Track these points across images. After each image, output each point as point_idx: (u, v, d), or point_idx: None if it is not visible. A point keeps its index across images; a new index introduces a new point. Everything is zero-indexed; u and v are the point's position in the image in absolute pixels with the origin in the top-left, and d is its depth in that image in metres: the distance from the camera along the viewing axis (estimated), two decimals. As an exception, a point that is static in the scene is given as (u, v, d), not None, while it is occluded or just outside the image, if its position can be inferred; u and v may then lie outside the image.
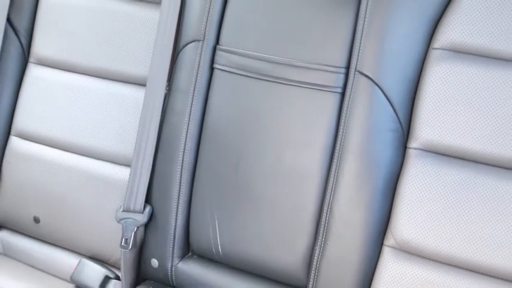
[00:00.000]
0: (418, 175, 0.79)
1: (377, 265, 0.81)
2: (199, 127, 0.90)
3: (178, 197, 0.90)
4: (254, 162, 0.85)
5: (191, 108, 0.89)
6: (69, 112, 1.00)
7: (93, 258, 0.98)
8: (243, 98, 0.86)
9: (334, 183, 0.81)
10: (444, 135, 0.78)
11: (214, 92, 0.89)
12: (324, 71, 0.82)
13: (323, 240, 0.82)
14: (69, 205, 0.99)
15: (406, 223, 0.79)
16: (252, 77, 0.85)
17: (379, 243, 0.81)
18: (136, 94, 0.96)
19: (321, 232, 0.82)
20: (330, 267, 0.81)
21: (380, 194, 0.80)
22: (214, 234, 0.89)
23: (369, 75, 0.79)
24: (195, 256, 0.93)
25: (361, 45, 0.80)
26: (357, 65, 0.80)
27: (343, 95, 0.82)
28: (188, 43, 0.90)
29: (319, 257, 0.82)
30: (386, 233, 0.81)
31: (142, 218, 0.91)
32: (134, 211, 0.91)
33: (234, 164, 0.87)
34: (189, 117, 0.89)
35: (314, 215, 0.83)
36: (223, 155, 0.88)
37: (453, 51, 0.78)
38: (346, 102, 0.81)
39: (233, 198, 0.87)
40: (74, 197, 0.99)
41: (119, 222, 0.92)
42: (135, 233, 0.91)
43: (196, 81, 0.89)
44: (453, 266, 0.77)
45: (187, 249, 0.93)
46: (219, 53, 0.89)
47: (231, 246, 0.88)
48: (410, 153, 0.80)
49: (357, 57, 0.80)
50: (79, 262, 0.97)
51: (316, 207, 0.83)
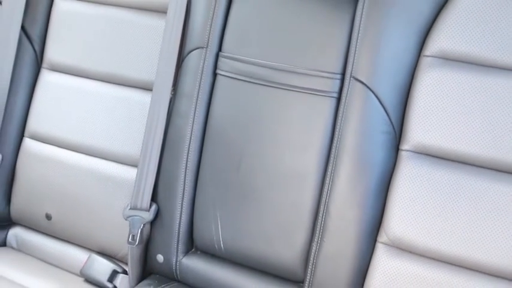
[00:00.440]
0: (409, 176, 0.79)
1: (371, 260, 0.81)
2: (203, 129, 0.90)
3: (183, 196, 0.91)
4: (255, 162, 0.86)
5: (195, 111, 0.90)
6: (79, 115, 1.01)
7: (101, 254, 0.99)
8: (245, 102, 0.87)
9: (330, 183, 0.81)
10: (434, 138, 0.78)
11: (217, 96, 0.89)
12: (321, 77, 0.82)
13: (320, 236, 0.82)
14: (79, 203, 0.99)
15: (398, 221, 0.79)
16: (253, 83, 0.86)
17: (372, 239, 0.81)
18: (143, 98, 0.96)
19: (317, 229, 0.82)
20: (326, 262, 0.82)
21: (373, 193, 0.80)
22: (217, 230, 0.89)
23: (364, 81, 0.80)
24: (199, 252, 0.93)
25: (356, 53, 0.80)
26: (352, 71, 0.80)
27: (339, 100, 0.82)
28: (192, 50, 0.91)
29: (316, 252, 0.82)
30: (380, 230, 0.81)
31: (149, 215, 0.92)
32: (141, 209, 0.92)
33: (236, 164, 0.87)
34: (193, 120, 0.90)
35: (311, 213, 0.83)
36: (226, 156, 0.88)
37: (443, 59, 0.79)
38: (341, 106, 0.81)
39: (235, 196, 0.87)
40: (83, 196, 0.99)
41: (126, 220, 0.92)
42: (142, 230, 0.91)
43: (200, 86, 0.90)
44: (442, 261, 0.77)
45: (191, 245, 0.94)
46: (221, 59, 0.89)
47: (233, 242, 0.88)
48: (402, 155, 0.80)
49: (352, 64, 0.80)
50: (88, 257, 0.98)
51: (313, 205, 0.83)
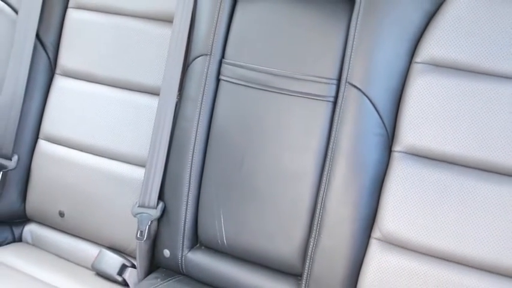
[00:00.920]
0: (401, 175, 0.79)
1: (365, 255, 0.81)
2: (207, 131, 0.90)
3: (188, 194, 0.91)
4: (256, 163, 0.86)
5: (199, 115, 0.90)
6: (90, 118, 1.01)
7: (111, 248, 0.99)
8: (246, 106, 0.87)
9: (326, 182, 0.81)
10: (425, 140, 0.79)
11: (220, 100, 0.89)
12: (318, 82, 0.82)
13: (317, 232, 0.82)
14: (91, 201, 0.99)
15: (391, 218, 0.79)
16: (254, 88, 0.86)
17: (367, 235, 0.81)
18: (151, 102, 0.96)
19: (315, 225, 0.82)
20: (323, 257, 0.82)
21: (367, 192, 0.80)
22: (220, 227, 0.89)
23: (358, 86, 0.80)
24: (203, 247, 0.93)
25: (351, 59, 0.80)
26: (347, 77, 0.80)
27: (335, 104, 0.82)
28: (197, 57, 0.91)
29: (314, 247, 0.82)
30: (373, 226, 0.81)
31: (156, 212, 0.91)
32: (148, 206, 0.92)
33: (238, 164, 0.87)
34: (198, 123, 0.90)
35: (309, 210, 0.83)
36: (229, 156, 0.88)
37: (433, 65, 0.79)
38: (337, 110, 0.81)
39: (237, 195, 0.87)
40: (94, 194, 0.99)
41: (134, 217, 0.92)
42: (149, 226, 0.91)
43: (204, 91, 0.90)
44: (432, 256, 0.78)
45: (196, 241, 0.94)
46: (224, 66, 0.89)
47: (235, 238, 0.88)
48: (395, 155, 0.81)
49: (347, 70, 0.80)
50: (99, 252, 0.98)
51: (311, 203, 0.83)
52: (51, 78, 1.05)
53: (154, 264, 0.96)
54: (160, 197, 0.92)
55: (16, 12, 1.02)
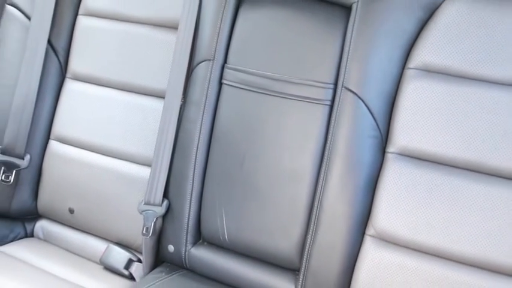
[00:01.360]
0: (394, 175, 0.80)
1: (359, 251, 0.82)
2: (210, 133, 0.91)
3: (192, 192, 0.91)
4: (256, 163, 0.86)
5: (203, 117, 0.90)
6: (99, 120, 1.01)
7: (119, 244, 0.99)
8: (247, 108, 0.87)
9: (323, 182, 0.82)
10: (417, 142, 0.79)
11: (223, 103, 0.90)
12: (315, 86, 0.83)
13: (314, 229, 0.82)
14: (99, 198, 0.99)
15: (384, 216, 0.80)
16: (255, 91, 0.86)
17: (361, 232, 0.82)
18: (156, 105, 0.96)
19: (312, 223, 0.83)
20: (319, 252, 0.82)
21: (362, 191, 0.81)
22: (222, 224, 0.89)
23: (354, 91, 0.80)
24: (206, 243, 0.93)
25: (347, 65, 0.81)
26: (343, 81, 0.81)
27: (331, 107, 0.83)
28: (200, 62, 0.91)
29: (311, 244, 0.83)
30: (368, 224, 0.82)
31: (161, 210, 0.92)
32: (154, 204, 0.92)
33: (239, 164, 0.87)
34: (201, 125, 0.90)
35: (307, 208, 0.84)
36: (230, 157, 0.88)
37: (425, 71, 0.80)
38: (334, 113, 0.82)
39: (238, 193, 0.88)
40: (102, 192, 0.99)
41: (140, 214, 0.92)
42: (155, 223, 0.91)
43: (207, 94, 0.90)
44: (423, 252, 0.78)
45: (199, 237, 0.94)
46: (226, 70, 0.90)
47: (236, 234, 0.89)
48: (388, 156, 0.81)
49: (344, 75, 0.81)
50: (107, 247, 0.98)
51: (308, 201, 0.84)
52: (61, 81, 1.05)
53: (159, 259, 0.96)
54: (165, 195, 0.93)
55: (29, 18, 1.02)
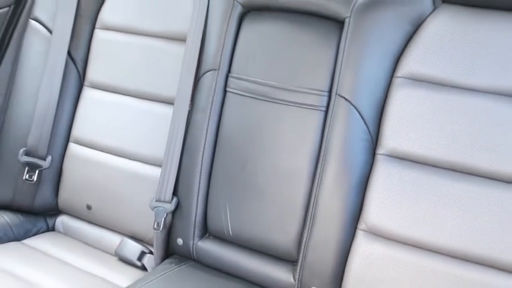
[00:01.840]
0: (384, 175, 0.81)
1: (352, 244, 0.82)
2: (215, 137, 0.92)
3: (198, 191, 0.92)
4: (257, 164, 0.87)
5: (209, 122, 0.91)
6: (114, 124, 1.03)
7: (132, 237, 1.01)
8: (249, 114, 0.89)
9: (319, 181, 0.83)
10: (405, 144, 0.80)
11: (227, 109, 0.91)
12: (311, 94, 0.84)
13: (310, 224, 0.83)
14: (114, 196, 1.01)
15: (375, 212, 0.81)
16: (256, 98, 0.88)
17: (353, 227, 0.83)
18: (166, 111, 0.98)
19: (308, 219, 0.84)
20: (315, 246, 0.83)
21: (354, 189, 0.82)
22: (226, 219, 0.91)
23: (347, 97, 0.81)
24: (211, 236, 0.94)
25: (341, 74, 0.82)
26: (337, 89, 0.82)
27: (326, 113, 0.84)
28: (207, 72, 0.92)
29: (307, 238, 0.84)
30: (359, 219, 0.82)
31: (171, 206, 0.93)
32: (164, 201, 0.93)
33: (241, 165, 0.89)
34: (207, 129, 0.91)
35: (303, 206, 0.85)
36: (233, 158, 0.89)
37: (411, 79, 0.80)
38: (328, 118, 0.83)
39: (241, 192, 0.89)
40: (117, 190, 1.01)
41: (152, 210, 0.94)
42: (165, 218, 0.93)
43: (212, 101, 0.91)
44: (411, 245, 0.79)
45: (205, 231, 0.95)
46: (230, 79, 0.91)
47: (239, 229, 0.90)
48: (378, 158, 0.82)
49: (337, 84, 0.82)
50: (121, 240, 1.00)
51: (305, 199, 0.85)
52: (80, 89, 1.07)
53: (169, 251, 0.97)
54: (175, 193, 0.94)
55: (50, 32, 1.04)
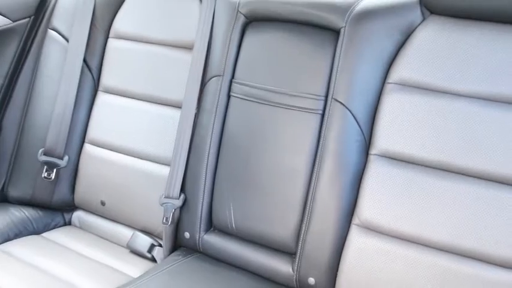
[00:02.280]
0: (376, 174, 0.82)
1: (347, 238, 0.83)
2: (220, 137, 0.93)
3: (204, 187, 0.94)
4: (259, 162, 0.89)
5: (214, 124, 0.93)
6: (126, 126, 1.04)
7: (143, 231, 1.02)
8: (251, 117, 0.90)
9: (316, 179, 0.84)
10: (395, 145, 0.81)
11: (231, 112, 0.93)
12: (309, 98, 0.85)
13: (308, 219, 0.84)
14: (126, 193, 1.03)
15: (367, 208, 0.82)
16: (258, 102, 0.89)
17: (348, 222, 0.84)
18: (174, 113, 0.99)
19: (306, 213, 0.85)
20: (312, 239, 0.84)
21: (349, 186, 0.83)
22: (230, 214, 0.92)
23: (342, 102, 0.83)
24: (216, 230, 0.96)
25: (336, 80, 0.83)
26: (333, 94, 0.83)
27: (322, 116, 0.85)
28: (212, 77, 0.94)
29: (305, 231, 0.85)
30: (354, 214, 0.84)
31: (178, 202, 0.94)
32: (172, 197, 0.95)
33: (244, 164, 0.90)
34: (212, 130, 0.93)
35: (302, 201, 0.86)
36: (237, 158, 0.91)
37: (402, 85, 0.82)
38: (325, 121, 0.84)
39: (243, 188, 0.90)
40: (129, 187, 1.02)
41: (161, 206, 0.95)
42: (173, 213, 0.94)
43: (217, 105, 0.93)
44: (401, 239, 0.80)
45: (211, 225, 0.96)
46: (234, 85, 0.93)
47: (242, 223, 0.91)
48: (371, 158, 0.83)
49: (333, 89, 0.84)
50: (133, 234, 1.02)
51: (303, 195, 0.86)
52: (94, 94, 1.08)
53: (177, 244, 0.99)
54: (182, 190, 0.95)
55: (67, 41, 1.06)
